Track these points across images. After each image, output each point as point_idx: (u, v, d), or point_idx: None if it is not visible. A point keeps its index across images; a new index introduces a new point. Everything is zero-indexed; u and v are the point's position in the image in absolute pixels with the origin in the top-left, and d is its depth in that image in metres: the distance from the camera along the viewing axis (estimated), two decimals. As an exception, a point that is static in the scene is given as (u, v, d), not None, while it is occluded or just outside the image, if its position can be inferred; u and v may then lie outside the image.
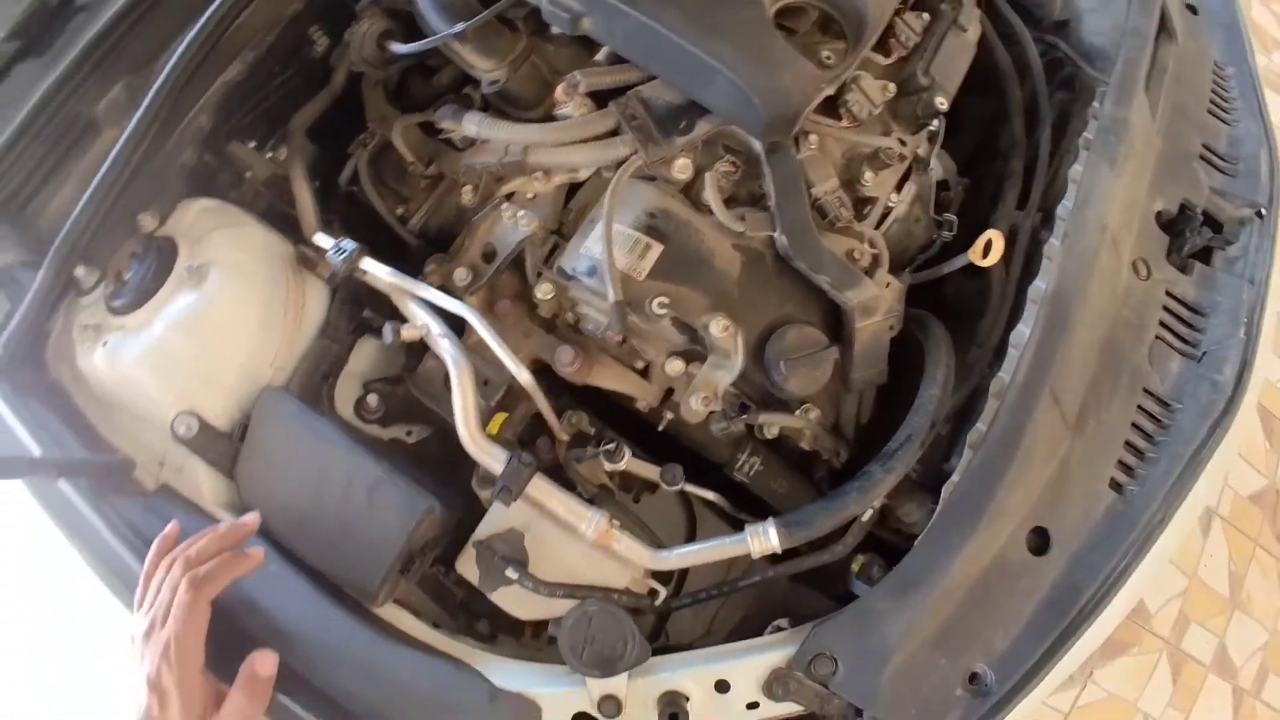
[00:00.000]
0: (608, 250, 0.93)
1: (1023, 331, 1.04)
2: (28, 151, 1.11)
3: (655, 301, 0.94)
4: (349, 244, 1.00)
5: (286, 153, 1.19)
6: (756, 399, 1.02)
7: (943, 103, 1.09)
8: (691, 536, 1.20)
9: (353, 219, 1.20)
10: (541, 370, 1.05)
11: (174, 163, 1.11)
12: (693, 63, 0.94)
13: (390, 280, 0.98)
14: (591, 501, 1.01)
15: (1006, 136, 1.21)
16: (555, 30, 1.00)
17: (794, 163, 0.98)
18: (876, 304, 0.99)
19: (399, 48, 1.08)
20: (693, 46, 0.93)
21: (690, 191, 1.02)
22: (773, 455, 1.09)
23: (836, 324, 1.02)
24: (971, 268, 1.09)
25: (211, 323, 1.03)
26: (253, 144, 1.23)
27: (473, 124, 1.05)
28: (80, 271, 1.08)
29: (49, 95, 1.10)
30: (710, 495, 1.06)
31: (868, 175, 1.06)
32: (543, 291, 1.01)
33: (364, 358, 1.13)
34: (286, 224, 1.18)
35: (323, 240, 1.03)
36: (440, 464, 1.12)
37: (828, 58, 1.05)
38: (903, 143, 1.10)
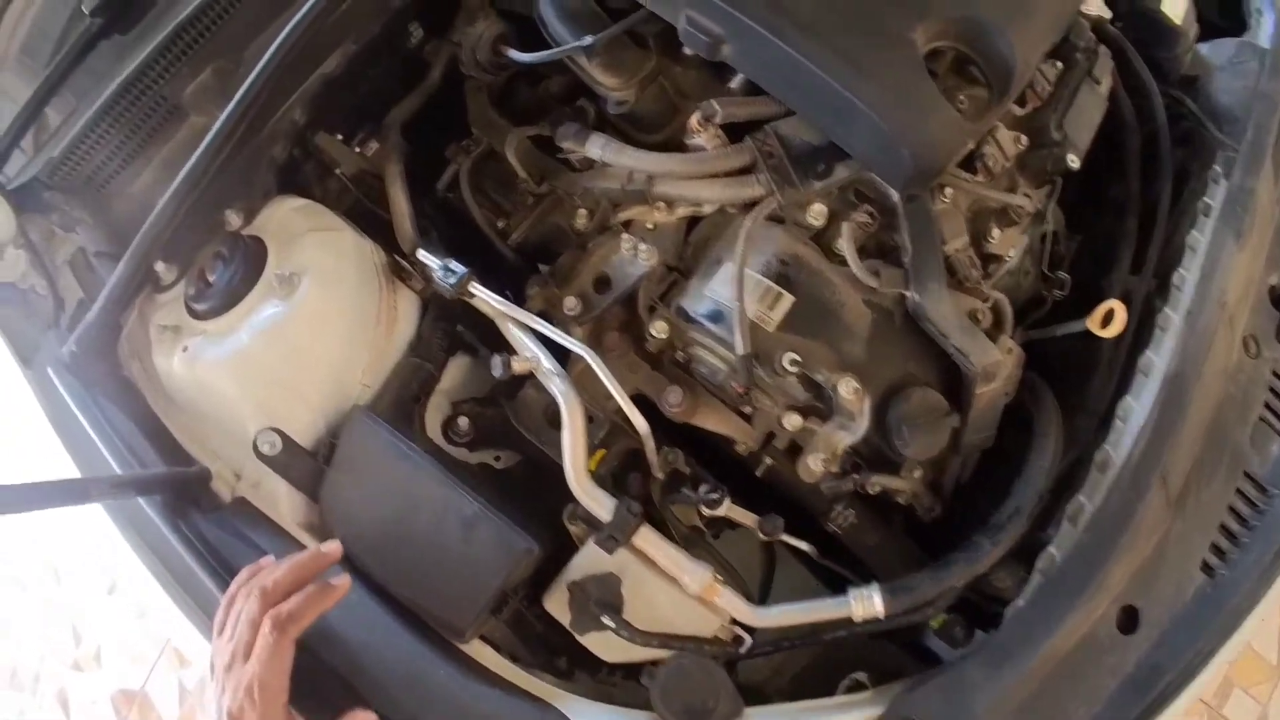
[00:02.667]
0: (739, 298, 0.89)
1: (1131, 404, 1.01)
2: (110, 132, 1.05)
3: (787, 358, 0.90)
4: (457, 266, 0.94)
5: (380, 149, 1.13)
6: (868, 458, 0.99)
7: (1074, 160, 1.05)
8: (769, 574, 1.18)
9: (443, 225, 1.14)
10: (639, 404, 1.01)
11: (263, 158, 1.05)
12: (838, 102, 0.88)
13: (500, 309, 0.93)
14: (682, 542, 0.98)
15: (1119, 191, 1.17)
16: (688, 51, 0.95)
17: (932, 217, 0.94)
18: (998, 370, 0.96)
19: (518, 56, 1.01)
20: (839, 85, 0.87)
21: (821, 238, 0.98)
22: (867, 509, 1.06)
23: (953, 384, 0.99)
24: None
25: (301, 335, 0.98)
26: (339, 137, 1.17)
27: (597, 147, 0.98)
28: (160, 267, 1.03)
29: (134, 76, 1.04)
30: (805, 546, 1.03)
31: (995, 232, 1.02)
32: (658, 330, 0.96)
33: (454, 375, 1.09)
34: (372, 221, 1.12)
35: (426, 257, 0.97)
36: (526, 490, 1.08)
37: (962, 103, 1.00)
38: (1027, 197, 1.06)
